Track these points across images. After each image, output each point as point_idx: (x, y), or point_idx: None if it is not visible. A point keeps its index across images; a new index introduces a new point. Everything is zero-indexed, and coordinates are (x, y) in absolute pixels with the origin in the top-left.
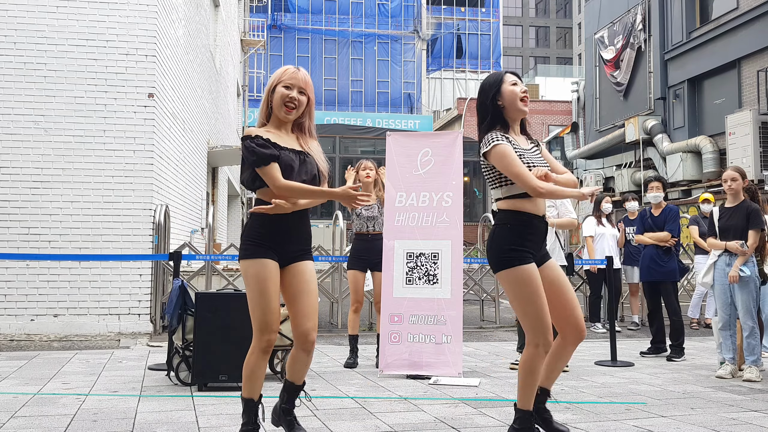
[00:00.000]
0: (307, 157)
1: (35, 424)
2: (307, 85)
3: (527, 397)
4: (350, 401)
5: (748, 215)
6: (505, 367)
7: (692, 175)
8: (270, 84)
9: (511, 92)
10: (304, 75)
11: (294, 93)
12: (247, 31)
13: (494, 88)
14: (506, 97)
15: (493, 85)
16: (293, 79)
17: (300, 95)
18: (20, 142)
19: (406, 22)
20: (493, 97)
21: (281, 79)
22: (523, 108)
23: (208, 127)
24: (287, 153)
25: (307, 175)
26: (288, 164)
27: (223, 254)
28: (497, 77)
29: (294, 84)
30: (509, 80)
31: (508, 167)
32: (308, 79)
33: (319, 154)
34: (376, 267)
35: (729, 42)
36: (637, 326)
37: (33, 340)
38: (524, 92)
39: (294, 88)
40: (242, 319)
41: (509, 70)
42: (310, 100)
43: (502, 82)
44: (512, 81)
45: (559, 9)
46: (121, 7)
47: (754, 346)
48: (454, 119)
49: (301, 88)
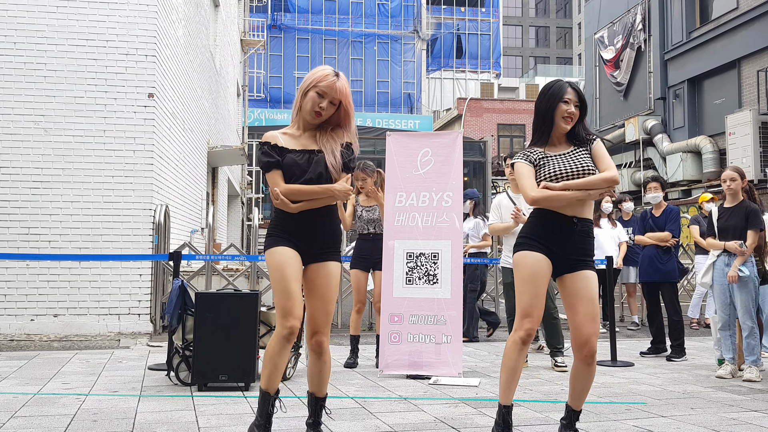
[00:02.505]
0: (317, 155)
1: (35, 424)
2: (343, 95)
3: (501, 388)
4: (350, 401)
5: (747, 215)
6: None
7: (692, 175)
8: (305, 85)
9: (561, 109)
10: (341, 86)
11: (325, 103)
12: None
13: (555, 100)
14: (558, 112)
15: (554, 97)
16: (330, 89)
17: (330, 105)
18: (20, 142)
19: (406, 22)
20: (550, 106)
21: (318, 84)
22: (563, 126)
23: (208, 127)
24: (292, 156)
25: (313, 173)
26: (290, 167)
27: (223, 254)
28: (560, 91)
29: (328, 94)
30: (565, 96)
31: (518, 183)
32: (345, 89)
33: (332, 151)
34: (377, 266)
35: (729, 42)
36: (636, 326)
37: (33, 340)
38: (569, 114)
39: (326, 97)
40: (242, 319)
41: (572, 84)
42: (342, 106)
43: (560, 98)
44: (566, 98)
45: (559, 9)
46: (121, 7)
47: (754, 346)
48: (454, 119)
49: (335, 99)
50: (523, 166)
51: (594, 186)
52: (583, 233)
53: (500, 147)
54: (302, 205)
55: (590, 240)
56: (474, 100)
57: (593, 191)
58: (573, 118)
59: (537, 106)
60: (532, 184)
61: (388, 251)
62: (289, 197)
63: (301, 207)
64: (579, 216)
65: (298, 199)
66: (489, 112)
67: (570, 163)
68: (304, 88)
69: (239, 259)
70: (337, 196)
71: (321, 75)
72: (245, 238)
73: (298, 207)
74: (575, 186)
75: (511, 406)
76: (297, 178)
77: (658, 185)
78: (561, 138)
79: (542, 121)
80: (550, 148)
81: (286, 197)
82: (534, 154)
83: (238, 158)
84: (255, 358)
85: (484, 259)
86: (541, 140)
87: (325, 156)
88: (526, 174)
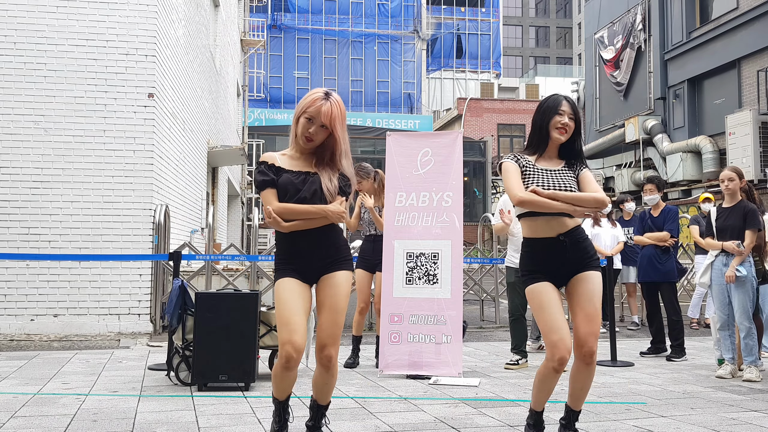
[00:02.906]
0: (313, 176)
1: (35, 424)
2: (331, 119)
3: (534, 398)
4: (350, 401)
5: (745, 215)
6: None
7: (692, 175)
8: (297, 110)
9: (555, 122)
10: (328, 109)
11: (313, 128)
12: (247, 31)
13: (551, 113)
14: (552, 124)
15: (550, 110)
16: (317, 113)
17: (320, 128)
18: (20, 142)
19: (406, 22)
20: (545, 119)
21: (307, 110)
22: (558, 137)
23: (208, 127)
24: (288, 176)
25: (307, 192)
26: (285, 185)
27: (223, 254)
28: (555, 104)
29: (316, 117)
30: (560, 109)
31: (505, 181)
32: (334, 113)
33: (329, 177)
34: (377, 267)
35: (729, 42)
36: (636, 326)
37: (33, 340)
38: (563, 124)
39: (315, 122)
40: (242, 319)
41: (567, 98)
42: (333, 134)
43: (555, 112)
44: (561, 110)
45: (559, 9)
46: (121, 7)
47: (752, 346)
48: (454, 119)
49: (323, 123)
50: (511, 164)
51: (583, 203)
52: (575, 244)
53: (500, 147)
54: (294, 225)
55: (585, 244)
56: (474, 100)
57: (580, 208)
58: (567, 130)
59: (534, 120)
60: (519, 184)
61: (388, 251)
62: (282, 215)
63: (293, 227)
64: (563, 232)
65: (290, 218)
66: (489, 112)
67: (554, 181)
68: (296, 113)
69: (239, 259)
70: (330, 217)
71: (310, 100)
72: (245, 238)
73: (289, 226)
74: (564, 198)
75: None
76: (291, 196)
77: (654, 187)
78: (554, 152)
79: (537, 132)
80: (541, 161)
81: (279, 215)
82: (523, 160)
83: (238, 158)
84: (255, 358)
85: (484, 260)
86: (536, 151)
87: (320, 178)
88: (513, 173)
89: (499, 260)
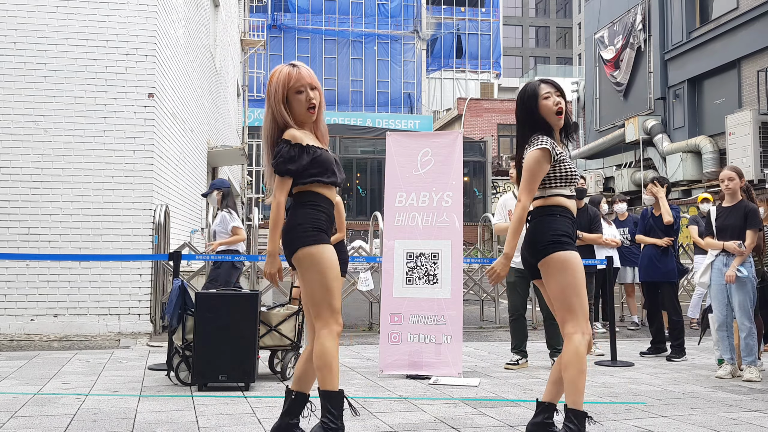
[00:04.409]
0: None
1: (35, 424)
2: (312, 78)
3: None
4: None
5: (745, 215)
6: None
7: (692, 175)
8: (278, 93)
9: (545, 107)
10: (306, 72)
11: (310, 93)
12: (247, 31)
13: (533, 102)
14: (544, 111)
15: (531, 99)
16: (300, 80)
17: (312, 91)
18: (20, 142)
19: (406, 22)
20: (532, 110)
21: (289, 85)
22: (557, 122)
23: (208, 127)
24: (325, 153)
25: (340, 176)
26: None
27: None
28: (533, 91)
29: (303, 84)
30: (542, 94)
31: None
32: (310, 72)
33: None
34: None
35: (729, 42)
36: (636, 326)
37: (33, 340)
38: (558, 105)
39: (305, 89)
40: (242, 319)
41: (544, 79)
42: (320, 92)
43: (538, 97)
44: (545, 94)
45: (559, 9)
46: (121, 7)
47: (752, 346)
48: (454, 119)
49: (311, 85)
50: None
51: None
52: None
53: (500, 147)
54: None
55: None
56: (474, 100)
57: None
58: (563, 109)
59: (519, 115)
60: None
61: (388, 251)
62: (275, 214)
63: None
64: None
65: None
66: (489, 112)
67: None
68: (279, 97)
69: (239, 259)
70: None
71: (284, 76)
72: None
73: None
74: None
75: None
76: (330, 174)
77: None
78: (557, 137)
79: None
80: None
81: (278, 211)
82: (556, 149)
83: (238, 158)
84: (255, 358)
85: (484, 260)
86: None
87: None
88: (539, 175)
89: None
